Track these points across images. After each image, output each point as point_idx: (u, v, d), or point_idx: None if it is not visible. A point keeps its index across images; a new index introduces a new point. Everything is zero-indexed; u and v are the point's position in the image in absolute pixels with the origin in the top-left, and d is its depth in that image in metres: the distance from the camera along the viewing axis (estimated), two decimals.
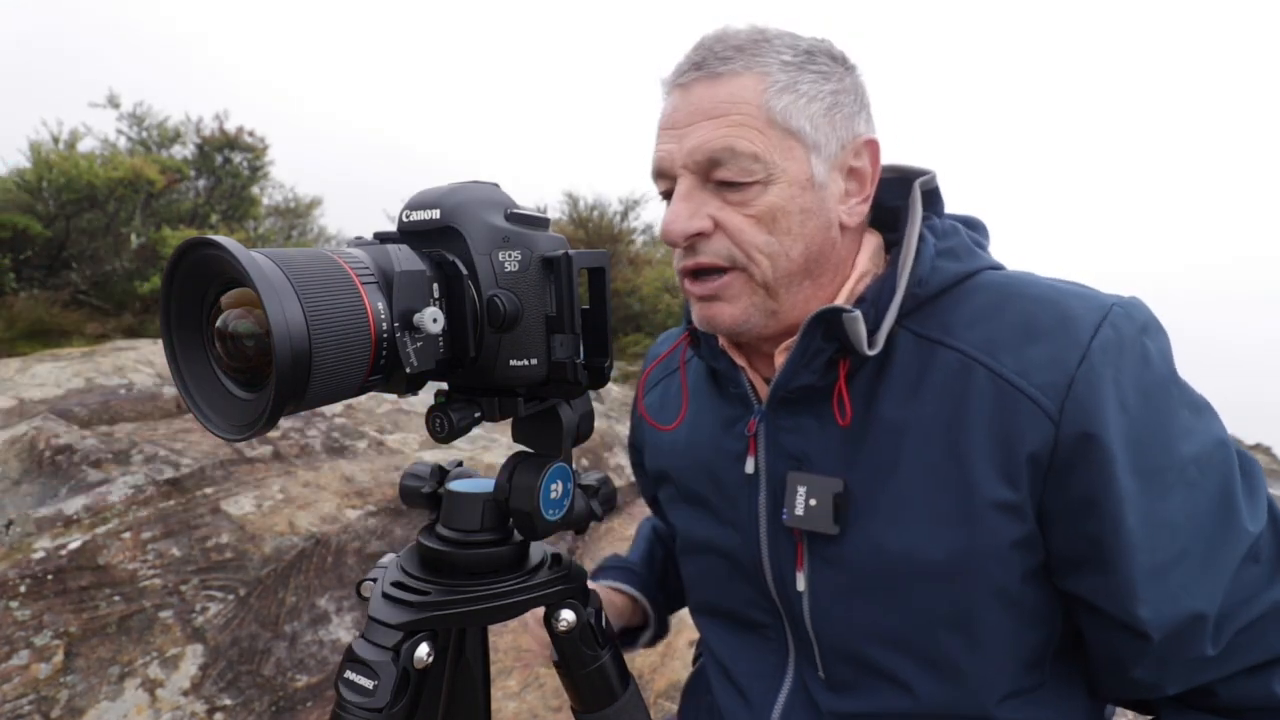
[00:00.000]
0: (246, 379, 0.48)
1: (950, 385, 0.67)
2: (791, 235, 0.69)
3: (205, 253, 0.45)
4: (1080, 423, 0.61)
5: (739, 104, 0.67)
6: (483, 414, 0.59)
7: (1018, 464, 0.63)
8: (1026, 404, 0.63)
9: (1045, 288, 0.68)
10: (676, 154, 0.69)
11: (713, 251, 0.69)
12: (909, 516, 0.67)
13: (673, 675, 1.96)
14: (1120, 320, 0.63)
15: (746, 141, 0.66)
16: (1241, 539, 0.62)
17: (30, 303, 6.14)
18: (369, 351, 0.48)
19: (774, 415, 0.75)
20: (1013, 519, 0.64)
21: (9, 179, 6.77)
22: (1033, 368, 0.64)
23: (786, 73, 0.68)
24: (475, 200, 0.57)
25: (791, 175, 0.68)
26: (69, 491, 2.24)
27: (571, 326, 0.58)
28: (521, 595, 0.63)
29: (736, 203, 0.68)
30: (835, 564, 0.71)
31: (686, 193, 0.69)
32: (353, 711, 0.56)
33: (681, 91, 0.70)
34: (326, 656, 1.96)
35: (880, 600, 0.69)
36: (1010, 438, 0.63)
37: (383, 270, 0.51)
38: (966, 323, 0.68)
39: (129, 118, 8.32)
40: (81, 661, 1.73)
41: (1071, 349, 0.62)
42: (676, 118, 0.70)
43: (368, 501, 2.45)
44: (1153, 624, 0.61)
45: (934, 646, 0.68)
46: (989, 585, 0.66)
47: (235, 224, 8.56)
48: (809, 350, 0.69)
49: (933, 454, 0.67)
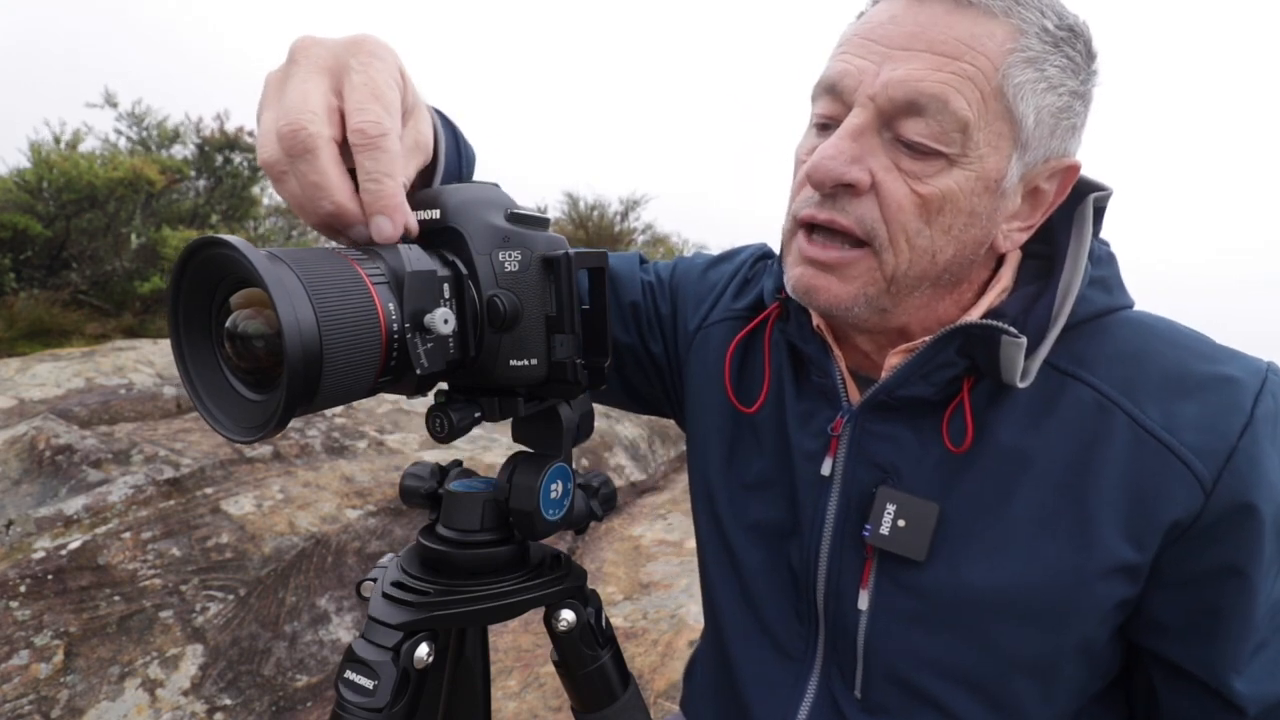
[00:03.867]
0: (256, 380, 0.47)
1: (1081, 423, 0.61)
2: (949, 235, 0.59)
3: (215, 252, 0.44)
4: (1239, 493, 0.57)
5: (978, 51, 0.55)
6: (483, 414, 0.59)
7: (1152, 526, 0.58)
8: (1176, 465, 0.57)
9: (1195, 340, 0.63)
10: (870, 77, 0.56)
11: (856, 215, 0.58)
12: (1011, 554, 0.61)
13: (673, 675, 1.96)
14: (1277, 389, 0.59)
15: (963, 101, 0.54)
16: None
17: (30, 303, 6.13)
18: (380, 353, 0.48)
19: (865, 418, 0.67)
20: (1127, 580, 0.60)
21: (9, 179, 6.76)
22: (1185, 426, 0.58)
23: (1042, 42, 0.56)
24: (475, 200, 0.57)
25: (983, 167, 0.57)
26: (69, 491, 2.24)
27: (572, 326, 0.58)
28: (521, 595, 0.63)
29: (910, 171, 0.57)
30: (910, 590, 0.65)
31: (857, 130, 0.57)
32: (353, 711, 0.56)
33: (913, 3, 0.57)
34: (326, 656, 1.96)
35: (955, 634, 0.64)
36: (1148, 497, 0.58)
37: (393, 270, 0.50)
38: (1107, 360, 0.62)
39: (129, 117, 8.31)
40: (81, 661, 1.73)
41: (1235, 415, 0.57)
42: (890, 31, 0.56)
43: (368, 501, 2.45)
44: (1248, 698, 0.60)
45: (1004, 688, 0.64)
46: (1079, 637, 0.62)
47: (235, 224, 8.56)
48: (935, 361, 0.62)
49: (1048, 492, 0.61)
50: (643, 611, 2.24)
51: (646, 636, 2.10)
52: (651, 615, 2.21)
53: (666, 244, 11.19)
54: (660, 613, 2.21)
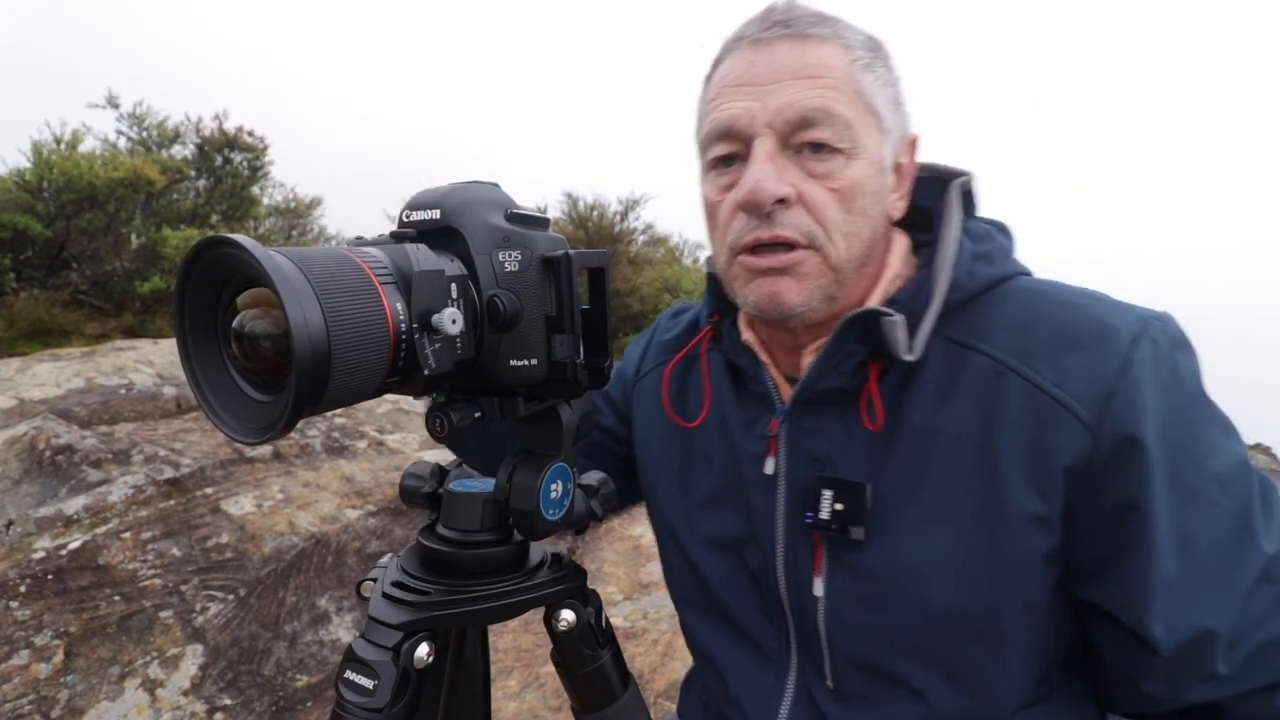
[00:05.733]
0: (263, 381, 0.47)
1: (982, 392, 0.65)
2: (866, 215, 0.67)
3: (222, 251, 0.44)
4: (1122, 429, 0.60)
5: (830, 69, 0.65)
6: (483, 414, 0.59)
7: (1052, 476, 0.62)
8: (1064, 414, 0.62)
9: (1081, 296, 0.67)
10: (758, 112, 0.65)
11: (793, 225, 0.65)
12: (938, 524, 0.66)
13: (673, 675, 1.96)
14: (1158, 334, 0.63)
15: (842, 106, 0.64)
16: (1256, 560, 0.62)
17: (30, 303, 6.13)
18: (388, 353, 0.47)
19: (797, 416, 0.73)
20: (1043, 531, 0.63)
21: (9, 179, 6.76)
22: (1070, 377, 0.62)
23: (867, 52, 0.68)
24: (475, 200, 0.57)
25: (870, 153, 0.67)
26: (69, 491, 2.24)
27: (571, 326, 0.58)
28: (521, 595, 0.63)
29: (820, 174, 0.66)
30: (857, 570, 0.69)
31: (770, 154, 0.65)
32: (353, 711, 0.56)
33: (761, 48, 0.67)
34: (326, 656, 1.96)
35: (903, 608, 0.68)
36: (1045, 448, 0.62)
37: (401, 270, 0.50)
38: (999, 328, 0.67)
39: (129, 118, 8.31)
40: (81, 661, 1.73)
41: (1112, 359, 0.62)
42: (756, 74, 0.66)
43: (368, 501, 2.45)
44: (1163, 638, 0.61)
45: (957, 656, 0.67)
46: (1016, 597, 0.65)
47: (235, 224, 8.55)
48: (840, 352, 0.68)
49: (963, 461, 0.65)
50: (643, 611, 2.24)
51: (646, 636, 2.10)
52: (651, 615, 2.21)
53: (666, 244, 11.17)
54: (660, 613, 2.21)
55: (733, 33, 0.71)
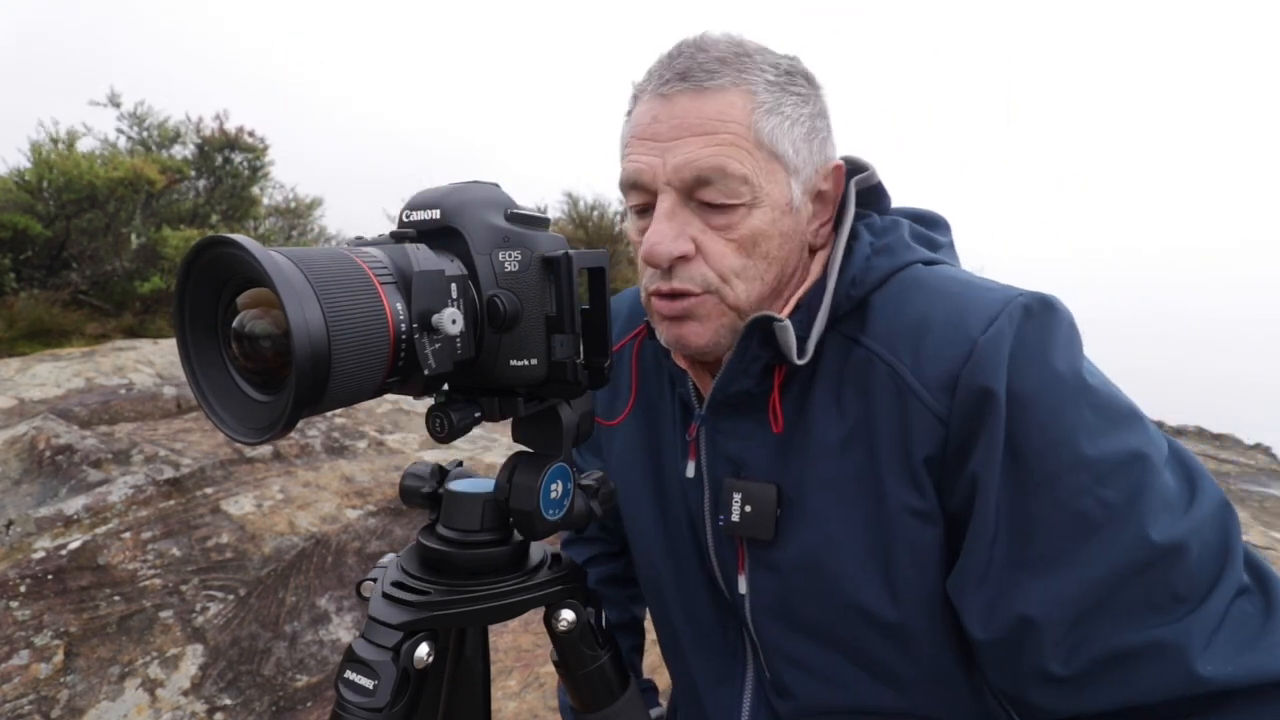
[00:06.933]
0: (263, 381, 0.47)
1: (865, 385, 0.66)
2: (768, 260, 0.68)
3: (222, 251, 0.44)
4: (968, 412, 0.60)
5: (728, 122, 0.65)
6: (483, 414, 0.59)
7: (917, 469, 0.63)
8: (917, 404, 0.63)
9: (951, 281, 0.66)
10: (659, 169, 0.67)
11: (688, 277, 0.68)
12: (833, 521, 0.67)
13: None
14: (1017, 313, 0.61)
15: (737, 163, 0.65)
16: (1130, 550, 0.56)
17: (30, 303, 6.13)
18: (388, 353, 0.48)
19: (714, 420, 0.74)
20: (924, 524, 0.64)
21: (9, 179, 6.76)
22: (924, 365, 0.63)
23: (771, 93, 0.67)
24: (475, 200, 0.57)
25: (774, 199, 0.67)
26: (69, 491, 2.24)
27: (571, 326, 0.58)
28: (521, 595, 0.63)
29: (720, 226, 0.67)
30: (771, 568, 0.71)
31: (670, 211, 0.67)
32: (353, 711, 0.56)
33: (663, 102, 0.67)
34: (326, 656, 1.96)
35: (816, 603, 0.69)
36: (909, 441, 0.63)
37: (401, 270, 0.50)
38: (878, 321, 0.67)
39: (129, 117, 8.31)
40: (81, 661, 1.73)
41: (961, 344, 0.61)
42: (658, 129, 0.67)
43: (368, 501, 2.45)
44: (980, 621, 0.61)
45: (873, 650, 0.68)
46: (914, 591, 0.65)
47: (235, 224, 8.55)
48: (745, 357, 0.69)
49: (853, 456, 0.66)
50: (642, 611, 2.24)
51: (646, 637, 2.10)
52: None
53: None
54: None
55: (644, 73, 0.71)
